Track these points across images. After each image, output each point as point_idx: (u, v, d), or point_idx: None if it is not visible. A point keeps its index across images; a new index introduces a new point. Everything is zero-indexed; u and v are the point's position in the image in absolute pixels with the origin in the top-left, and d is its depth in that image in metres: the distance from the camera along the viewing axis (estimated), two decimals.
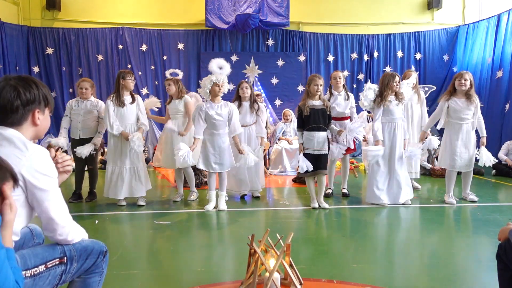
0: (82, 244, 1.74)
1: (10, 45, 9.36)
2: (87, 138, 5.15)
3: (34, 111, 1.67)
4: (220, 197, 4.81)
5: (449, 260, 3.10)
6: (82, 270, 1.74)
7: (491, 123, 8.67)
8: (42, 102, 1.69)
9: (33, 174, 1.55)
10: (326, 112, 4.74)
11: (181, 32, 10.49)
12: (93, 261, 1.75)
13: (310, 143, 4.68)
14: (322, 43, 10.75)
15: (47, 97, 1.72)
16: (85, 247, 1.74)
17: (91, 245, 1.76)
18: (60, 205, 1.64)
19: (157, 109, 6.32)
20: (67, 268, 1.67)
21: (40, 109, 1.69)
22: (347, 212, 4.73)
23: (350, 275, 2.79)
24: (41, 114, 1.70)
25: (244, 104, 5.27)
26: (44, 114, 1.72)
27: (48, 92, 1.75)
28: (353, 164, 8.29)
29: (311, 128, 4.68)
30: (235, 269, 2.92)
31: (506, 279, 2.00)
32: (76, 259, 1.69)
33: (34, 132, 1.70)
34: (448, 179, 5.09)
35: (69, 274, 1.69)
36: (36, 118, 1.68)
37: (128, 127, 4.91)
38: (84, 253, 1.72)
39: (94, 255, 1.76)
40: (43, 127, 1.73)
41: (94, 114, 5.20)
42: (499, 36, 9.01)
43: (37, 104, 1.68)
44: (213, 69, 4.73)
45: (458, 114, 4.90)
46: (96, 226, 4.16)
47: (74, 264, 1.69)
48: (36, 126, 1.69)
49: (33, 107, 1.66)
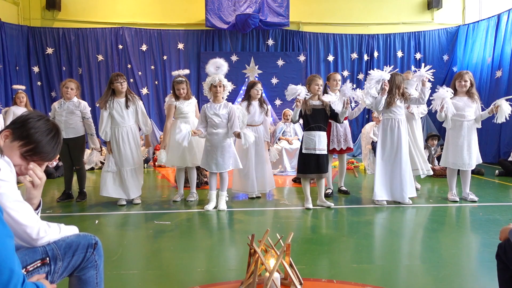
0: (66, 241, 1.67)
1: (10, 45, 9.37)
2: (71, 138, 5.14)
3: (7, 129, 1.63)
4: (220, 197, 4.81)
5: (449, 260, 3.09)
6: (72, 267, 1.68)
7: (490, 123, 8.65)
8: (17, 131, 1.63)
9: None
10: (326, 112, 4.75)
11: (181, 32, 10.49)
12: (82, 257, 1.69)
13: (311, 143, 4.68)
14: (322, 43, 10.76)
15: (31, 139, 1.63)
16: (70, 244, 1.67)
17: (76, 241, 1.69)
18: (20, 206, 1.54)
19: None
20: (51, 268, 1.61)
21: (13, 133, 1.62)
22: (347, 212, 4.73)
23: (350, 275, 2.79)
24: (9, 139, 1.62)
25: (254, 104, 5.28)
26: (11, 142, 1.62)
27: (41, 142, 1.65)
28: (353, 164, 8.31)
29: (312, 128, 4.69)
30: (235, 269, 2.92)
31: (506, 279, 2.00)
32: (60, 258, 1.63)
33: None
34: (450, 177, 5.14)
35: (55, 274, 1.63)
36: (2, 136, 1.62)
37: (124, 130, 4.94)
38: (69, 250, 1.66)
39: (82, 250, 1.69)
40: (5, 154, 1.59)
41: (76, 115, 5.21)
42: (499, 36, 9.01)
43: (15, 127, 1.63)
44: (209, 70, 4.80)
45: (459, 111, 4.90)
46: (96, 226, 4.16)
47: (59, 263, 1.63)
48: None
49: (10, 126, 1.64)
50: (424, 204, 5.04)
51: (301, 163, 4.78)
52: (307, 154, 4.69)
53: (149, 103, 10.40)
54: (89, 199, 5.45)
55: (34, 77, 10.10)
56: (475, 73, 9.43)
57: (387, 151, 4.85)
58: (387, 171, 4.87)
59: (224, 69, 4.80)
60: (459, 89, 4.94)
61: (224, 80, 4.77)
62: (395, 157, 4.84)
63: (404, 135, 4.84)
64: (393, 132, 4.85)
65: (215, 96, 4.76)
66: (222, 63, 4.80)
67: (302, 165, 4.77)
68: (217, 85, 4.70)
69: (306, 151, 4.70)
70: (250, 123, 5.20)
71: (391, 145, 4.84)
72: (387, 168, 4.87)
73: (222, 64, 4.79)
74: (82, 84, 9.73)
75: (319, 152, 4.68)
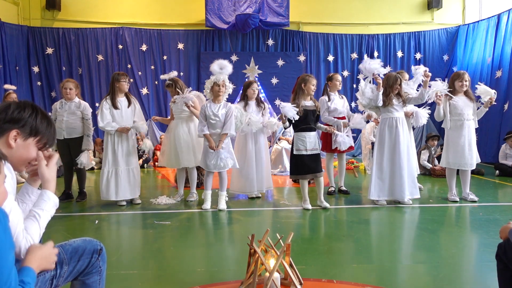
0: (73, 245, 1.68)
1: (10, 45, 9.37)
2: (72, 138, 5.15)
3: (11, 130, 1.54)
4: (220, 197, 4.82)
5: (449, 260, 3.10)
6: (76, 272, 1.68)
7: (490, 122, 8.68)
8: (27, 128, 1.57)
9: None
10: (316, 113, 4.75)
11: (181, 32, 10.49)
12: (87, 262, 1.69)
13: (303, 143, 4.63)
14: (322, 43, 10.76)
15: (38, 128, 1.60)
16: (76, 249, 1.67)
17: (82, 246, 1.69)
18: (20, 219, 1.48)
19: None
20: (57, 272, 1.61)
21: (21, 133, 1.56)
22: (347, 212, 4.72)
23: (350, 275, 2.79)
24: (20, 138, 1.56)
25: (251, 104, 5.29)
26: (24, 141, 1.57)
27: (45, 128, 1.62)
28: (353, 164, 8.30)
29: (303, 129, 4.65)
30: (235, 269, 2.92)
31: (506, 279, 2.00)
32: (66, 262, 1.63)
33: (8, 153, 1.52)
34: (449, 177, 5.14)
35: (60, 278, 1.63)
36: (10, 139, 1.54)
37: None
38: (75, 255, 1.66)
39: (87, 255, 1.69)
40: (17, 154, 1.56)
41: (77, 115, 5.22)
42: (499, 36, 9.01)
43: (19, 126, 1.55)
44: (214, 69, 4.80)
45: (459, 111, 4.91)
46: (96, 226, 4.16)
47: (65, 267, 1.63)
48: (10, 147, 1.54)
49: (12, 126, 1.54)
50: (424, 204, 5.03)
51: (293, 165, 4.74)
52: (299, 155, 4.65)
53: (149, 103, 10.40)
54: (89, 199, 5.45)
55: (34, 77, 10.10)
56: (475, 73, 9.44)
57: (385, 150, 4.84)
58: (385, 170, 4.86)
59: (228, 69, 4.82)
60: (459, 89, 4.95)
61: (227, 80, 4.79)
62: (393, 156, 4.83)
63: (402, 134, 4.83)
64: (391, 131, 4.84)
65: (216, 96, 4.75)
66: (227, 64, 4.82)
67: (294, 167, 4.74)
68: (220, 84, 4.70)
69: (297, 153, 4.66)
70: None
71: (389, 144, 4.84)
72: (385, 167, 4.86)
73: (226, 65, 4.81)
74: (82, 84, 9.72)
75: (310, 152, 4.65)
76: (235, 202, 5.24)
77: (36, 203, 1.58)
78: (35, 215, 1.54)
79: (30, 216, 1.54)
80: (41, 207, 1.56)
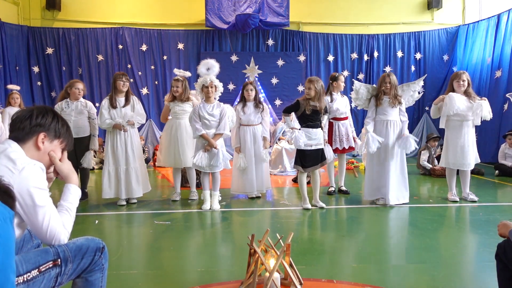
0: (76, 243, 1.73)
1: (10, 45, 9.36)
2: (79, 138, 5.17)
3: (39, 133, 1.72)
4: (213, 197, 4.83)
5: (449, 260, 3.10)
6: (80, 269, 1.72)
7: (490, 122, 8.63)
8: (51, 131, 1.76)
9: (27, 190, 1.56)
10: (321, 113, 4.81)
11: (181, 32, 10.49)
12: (90, 260, 1.74)
13: (309, 139, 4.70)
14: (322, 43, 10.75)
15: (60, 132, 1.80)
16: (80, 246, 1.72)
17: (86, 244, 1.75)
18: (57, 217, 1.67)
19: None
20: (62, 270, 1.65)
21: (47, 135, 1.75)
22: (347, 211, 4.73)
23: (350, 275, 2.79)
24: (47, 140, 1.75)
25: (249, 105, 5.30)
26: (51, 142, 1.77)
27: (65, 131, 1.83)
28: (353, 164, 8.31)
29: (310, 126, 4.72)
30: (235, 269, 2.92)
31: (506, 279, 2.00)
32: (71, 260, 1.68)
33: (37, 155, 1.72)
34: (449, 177, 5.15)
35: (65, 276, 1.68)
36: (39, 141, 1.72)
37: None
38: (79, 253, 1.71)
39: (90, 253, 1.74)
40: (45, 155, 1.76)
41: (85, 114, 5.31)
42: (498, 36, 9.01)
43: (45, 129, 1.74)
44: (201, 70, 4.83)
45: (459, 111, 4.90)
46: (96, 226, 4.16)
47: (69, 265, 1.68)
48: (39, 149, 1.73)
49: (39, 129, 1.73)
50: (424, 204, 5.04)
51: (300, 156, 4.75)
52: (306, 151, 4.71)
53: (149, 103, 10.39)
54: (90, 199, 5.45)
55: (34, 77, 10.09)
56: (475, 73, 9.43)
57: (376, 152, 4.85)
58: (375, 171, 4.92)
59: (215, 69, 4.81)
60: (457, 89, 4.95)
61: (215, 80, 4.78)
62: (384, 158, 4.87)
63: (392, 137, 4.85)
64: (381, 134, 4.86)
65: (207, 97, 4.79)
66: (214, 63, 4.81)
67: (300, 158, 4.75)
68: (208, 85, 4.73)
69: (303, 147, 4.71)
70: (247, 123, 5.23)
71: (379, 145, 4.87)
72: (376, 168, 4.92)
73: (213, 65, 4.79)
74: None
75: (316, 147, 4.74)
76: (235, 202, 5.24)
77: (64, 197, 1.78)
78: (67, 209, 1.75)
79: (62, 210, 1.74)
80: (70, 201, 1.78)
